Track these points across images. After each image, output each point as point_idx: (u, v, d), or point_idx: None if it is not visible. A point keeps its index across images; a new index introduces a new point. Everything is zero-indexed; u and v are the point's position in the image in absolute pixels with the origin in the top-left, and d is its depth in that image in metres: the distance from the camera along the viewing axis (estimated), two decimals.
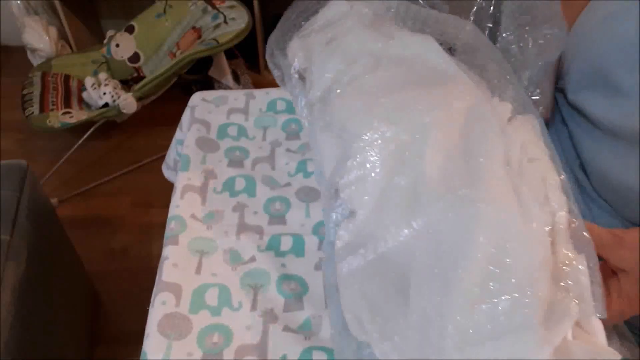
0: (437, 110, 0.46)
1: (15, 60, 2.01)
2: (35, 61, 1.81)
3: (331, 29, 0.58)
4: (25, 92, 1.58)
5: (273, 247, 0.61)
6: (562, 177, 0.42)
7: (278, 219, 0.65)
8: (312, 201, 0.67)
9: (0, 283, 0.79)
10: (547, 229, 0.39)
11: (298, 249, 0.61)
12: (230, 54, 1.73)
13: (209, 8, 1.62)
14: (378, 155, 0.46)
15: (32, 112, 1.51)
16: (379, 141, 0.46)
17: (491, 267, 0.37)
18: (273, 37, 0.62)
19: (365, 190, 0.47)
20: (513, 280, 0.36)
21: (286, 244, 0.62)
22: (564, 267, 0.38)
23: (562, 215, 0.40)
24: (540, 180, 0.42)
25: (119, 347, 1.19)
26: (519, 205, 0.39)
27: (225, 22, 1.57)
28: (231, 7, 1.60)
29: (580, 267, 0.37)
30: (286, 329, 0.53)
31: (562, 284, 0.37)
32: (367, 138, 0.46)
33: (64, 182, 1.58)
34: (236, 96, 0.83)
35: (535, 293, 0.36)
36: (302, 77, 0.60)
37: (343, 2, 0.60)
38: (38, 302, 0.91)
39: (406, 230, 0.42)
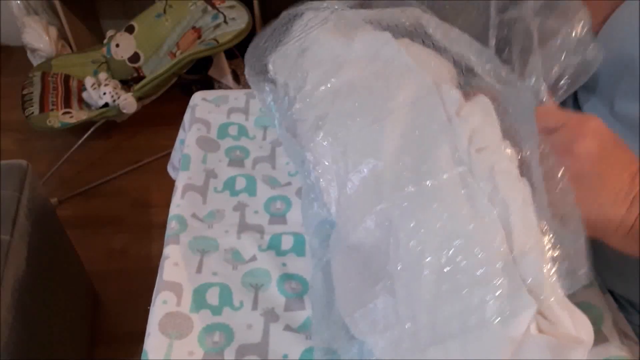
0: (383, 111, 0.46)
1: (15, 60, 2.01)
2: (35, 61, 1.81)
3: (302, 40, 0.59)
4: (25, 92, 1.58)
5: (274, 246, 0.61)
6: (520, 155, 0.41)
7: (279, 218, 0.65)
8: None
9: (0, 283, 0.79)
10: (497, 221, 0.38)
11: (299, 248, 0.61)
12: (230, 54, 1.73)
13: (209, 8, 1.62)
14: (329, 161, 0.48)
15: (32, 112, 1.51)
16: (327, 150, 0.48)
17: (443, 269, 0.37)
18: (247, 65, 0.62)
19: (327, 193, 0.48)
20: (465, 278, 0.36)
21: (287, 243, 0.61)
22: (520, 258, 0.37)
23: (515, 204, 0.39)
24: (489, 170, 0.41)
25: (119, 347, 1.19)
26: (466, 199, 0.39)
27: (225, 22, 1.58)
28: (231, 7, 1.60)
29: (536, 255, 0.36)
30: (287, 328, 0.53)
31: (518, 275, 0.36)
32: (315, 149, 0.48)
33: (64, 182, 1.58)
34: (236, 96, 0.83)
35: (488, 289, 0.35)
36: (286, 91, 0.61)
37: (311, 11, 0.61)
38: (38, 302, 0.91)
39: (366, 228, 0.43)
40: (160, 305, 0.53)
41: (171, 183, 0.76)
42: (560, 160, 0.39)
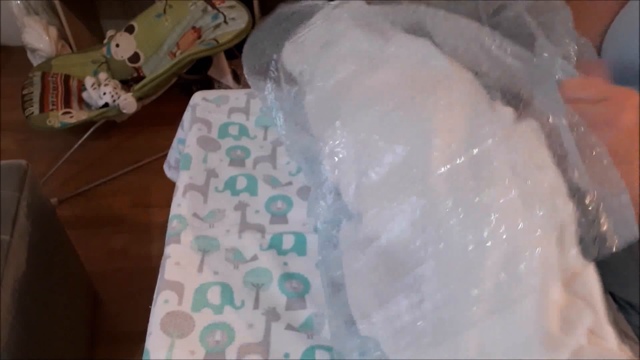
0: (436, 116, 0.46)
1: (15, 60, 2.01)
2: (35, 61, 1.81)
3: (325, 31, 0.58)
4: (25, 92, 1.57)
5: (275, 245, 0.61)
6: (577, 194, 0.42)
7: (280, 217, 0.65)
8: None
9: (0, 283, 0.79)
10: (554, 236, 0.39)
11: (300, 247, 0.61)
12: (230, 54, 1.73)
13: (209, 8, 1.62)
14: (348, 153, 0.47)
15: (32, 112, 1.50)
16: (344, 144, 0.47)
17: (502, 275, 0.37)
18: (246, 65, 0.62)
19: (344, 184, 0.48)
20: (524, 287, 0.37)
21: (288, 242, 0.62)
22: (574, 275, 0.38)
23: (570, 223, 0.40)
24: (547, 188, 0.41)
25: (119, 347, 1.18)
26: (525, 211, 0.40)
27: (225, 22, 1.58)
28: (231, 7, 1.60)
29: (590, 275, 0.38)
30: (288, 327, 0.53)
31: (573, 290, 0.38)
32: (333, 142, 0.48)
33: (64, 182, 1.58)
34: (237, 96, 0.83)
35: (548, 299, 0.36)
36: (292, 80, 0.60)
37: (335, 4, 0.60)
38: (38, 302, 0.91)
39: (409, 228, 0.42)
40: (162, 305, 0.54)
41: (171, 183, 0.76)
42: (600, 133, 0.39)
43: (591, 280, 0.38)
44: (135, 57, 1.71)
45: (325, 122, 0.52)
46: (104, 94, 1.58)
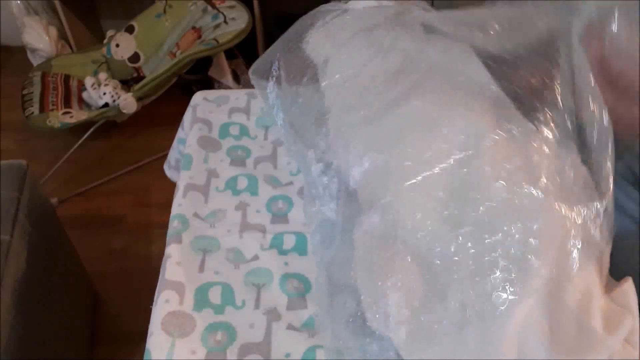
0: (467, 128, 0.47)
1: (15, 60, 2.01)
2: (35, 61, 1.81)
3: (360, 21, 0.58)
4: (25, 92, 1.57)
5: (276, 245, 0.61)
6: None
7: (280, 217, 0.65)
8: None
9: (0, 283, 0.79)
10: (595, 257, 0.41)
11: (301, 247, 0.61)
12: (230, 54, 1.73)
13: (209, 8, 1.62)
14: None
15: (32, 112, 1.50)
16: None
17: (550, 275, 0.39)
18: (252, 68, 0.62)
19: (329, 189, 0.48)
20: (574, 291, 0.39)
21: (289, 242, 0.62)
22: (613, 285, 0.42)
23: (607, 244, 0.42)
24: (592, 203, 0.43)
25: (119, 347, 1.18)
26: (573, 223, 0.41)
27: (225, 22, 1.58)
28: (231, 7, 1.60)
29: (629, 288, 0.41)
30: (290, 327, 0.53)
31: (614, 299, 0.41)
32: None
33: (64, 182, 1.58)
34: (238, 96, 0.83)
35: (593, 300, 0.39)
36: (293, 80, 0.60)
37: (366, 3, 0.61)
38: (38, 302, 0.91)
39: (453, 243, 0.43)
40: (163, 304, 0.53)
41: (171, 183, 0.76)
42: None
43: (630, 292, 0.41)
44: (135, 57, 1.71)
45: (356, 109, 0.52)
46: (104, 94, 1.58)
